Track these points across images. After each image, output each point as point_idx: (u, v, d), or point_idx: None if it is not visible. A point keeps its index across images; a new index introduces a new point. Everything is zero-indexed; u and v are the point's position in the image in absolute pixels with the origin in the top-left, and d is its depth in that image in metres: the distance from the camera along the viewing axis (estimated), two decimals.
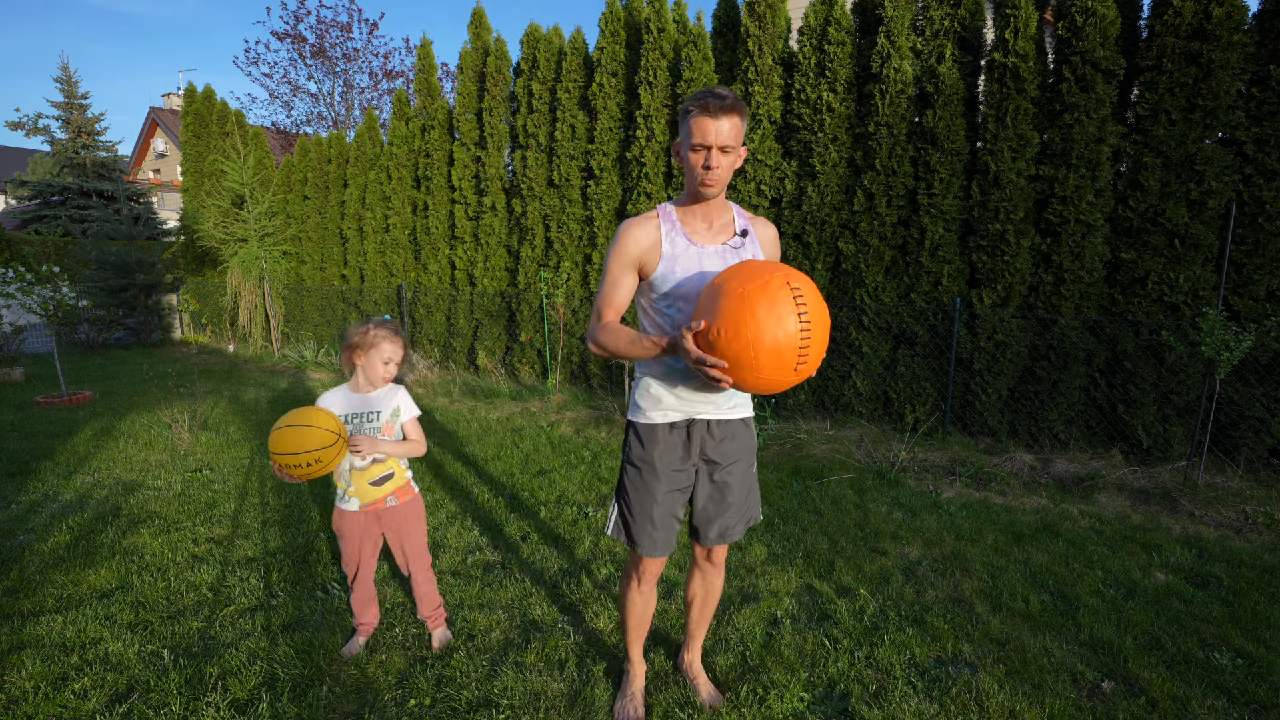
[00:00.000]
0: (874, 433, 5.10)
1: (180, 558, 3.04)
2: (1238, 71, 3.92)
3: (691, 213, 1.75)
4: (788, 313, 1.39)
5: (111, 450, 4.80)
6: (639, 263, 1.73)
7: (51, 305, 7.01)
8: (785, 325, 1.38)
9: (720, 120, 1.55)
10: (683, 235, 1.73)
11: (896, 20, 4.85)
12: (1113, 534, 3.35)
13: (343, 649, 2.30)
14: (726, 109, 1.55)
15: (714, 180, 1.63)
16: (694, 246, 1.73)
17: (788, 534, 3.34)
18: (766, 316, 1.38)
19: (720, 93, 1.57)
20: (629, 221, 1.73)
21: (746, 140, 5.52)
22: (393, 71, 17.93)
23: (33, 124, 24.49)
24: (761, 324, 1.38)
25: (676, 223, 1.74)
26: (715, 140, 1.57)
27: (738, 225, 1.79)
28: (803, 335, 1.40)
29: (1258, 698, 2.05)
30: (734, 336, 1.40)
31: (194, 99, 11.12)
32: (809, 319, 1.41)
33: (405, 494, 2.30)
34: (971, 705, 2.03)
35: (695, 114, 1.57)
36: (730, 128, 1.57)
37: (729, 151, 1.60)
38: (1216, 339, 3.52)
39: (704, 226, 1.76)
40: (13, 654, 2.28)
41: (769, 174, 5.53)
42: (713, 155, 1.59)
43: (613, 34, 6.27)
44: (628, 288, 1.75)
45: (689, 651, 2.16)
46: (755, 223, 1.83)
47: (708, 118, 1.56)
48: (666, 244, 1.71)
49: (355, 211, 8.90)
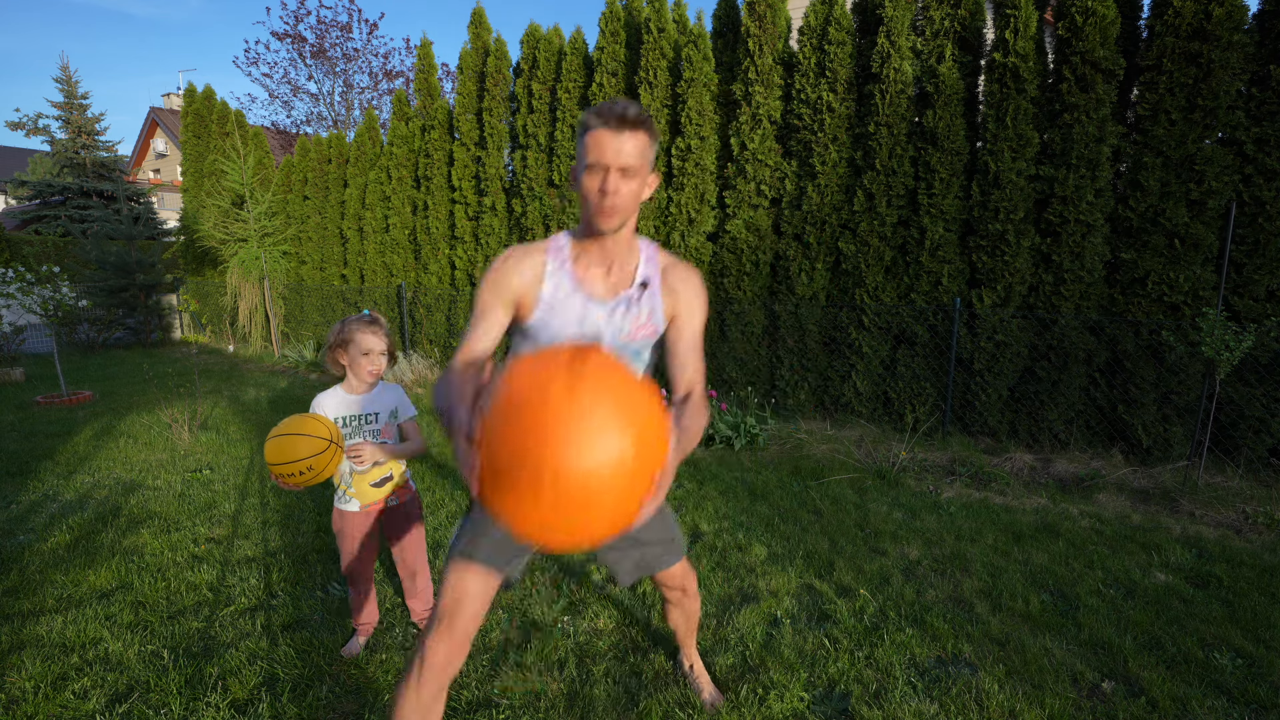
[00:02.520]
0: (874, 433, 5.10)
1: (180, 558, 3.04)
2: (1238, 71, 3.92)
3: (588, 250, 1.44)
4: (567, 422, 0.92)
5: (111, 450, 4.80)
6: (514, 301, 1.42)
7: (51, 305, 7.01)
8: (560, 442, 0.91)
9: (623, 136, 1.28)
10: (570, 278, 1.43)
11: (896, 20, 4.85)
12: (1113, 534, 3.35)
13: (343, 649, 2.30)
14: (630, 124, 1.29)
15: (611, 210, 1.32)
16: (578, 295, 1.42)
17: (788, 534, 3.34)
18: (530, 419, 0.93)
19: (624, 105, 1.30)
20: (512, 249, 1.46)
21: (747, 140, 5.53)
22: (393, 71, 17.92)
23: (33, 124, 24.51)
24: (522, 429, 0.93)
25: (567, 261, 1.44)
26: (614, 160, 1.29)
27: (640, 273, 1.46)
28: (590, 468, 0.92)
29: (1258, 698, 2.05)
30: (488, 438, 0.97)
31: (194, 99, 11.12)
32: (605, 442, 0.93)
33: (405, 494, 2.30)
34: (971, 705, 2.03)
35: (593, 128, 1.30)
36: (635, 147, 1.30)
37: (632, 175, 1.32)
38: (1216, 339, 3.52)
39: (600, 271, 1.45)
40: (13, 654, 2.28)
41: (769, 174, 5.53)
42: (610, 178, 1.30)
43: (613, 34, 6.27)
44: (495, 328, 1.42)
45: (685, 653, 2.14)
46: (672, 271, 1.49)
47: (607, 131, 1.29)
48: (548, 285, 1.42)
49: (355, 211, 8.90)
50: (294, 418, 2.04)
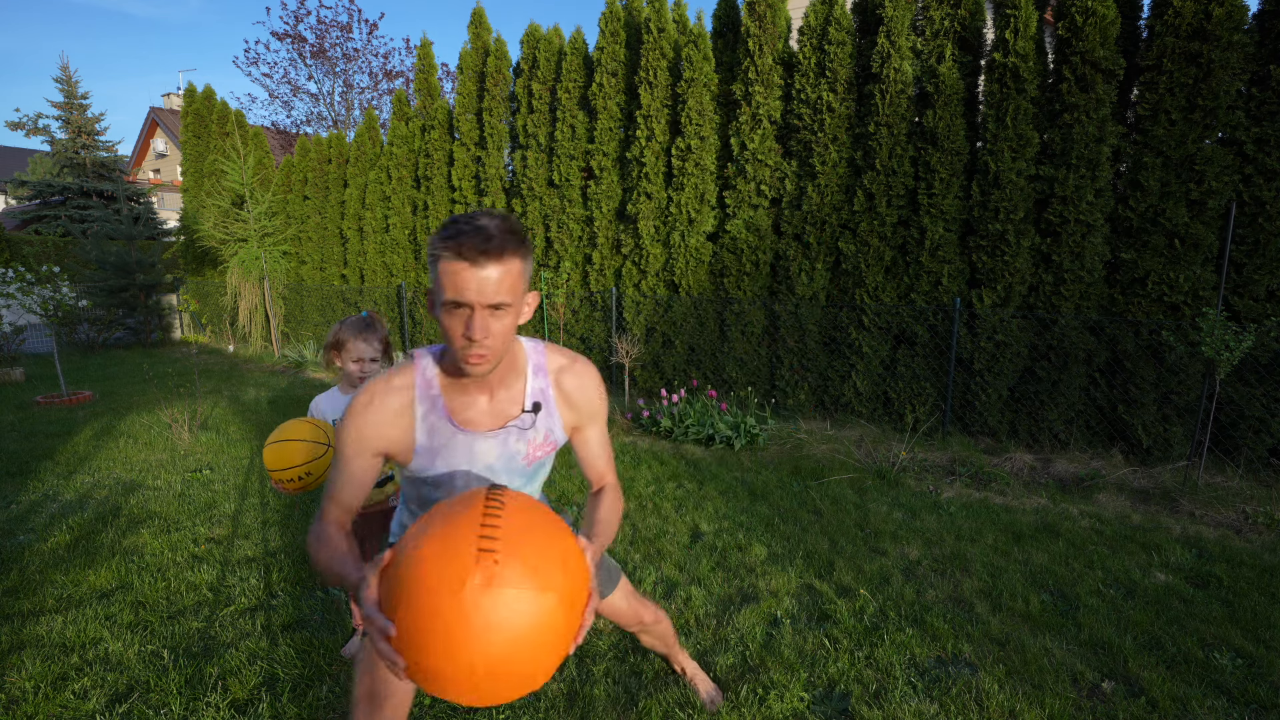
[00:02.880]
0: (874, 433, 5.10)
1: (180, 558, 3.04)
2: (1238, 71, 3.92)
3: (461, 383, 1.24)
4: (485, 622, 0.88)
5: (111, 450, 4.80)
6: (382, 452, 1.24)
7: (51, 305, 7.01)
8: (480, 642, 0.88)
9: (486, 270, 1.05)
10: (445, 419, 1.24)
11: (896, 20, 4.86)
12: (1113, 534, 3.35)
13: (343, 649, 2.30)
14: (496, 250, 1.05)
15: (481, 357, 1.12)
16: (460, 435, 1.25)
17: (788, 534, 3.34)
18: (450, 628, 0.88)
19: (485, 227, 1.06)
20: (371, 390, 1.22)
21: (747, 140, 5.53)
22: (393, 71, 17.93)
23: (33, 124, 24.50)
24: (444, 639, 0.88)
25: (438, 399, 1.24)
26: (478, 298, 1.07)
27: (529, 393, 1.29)
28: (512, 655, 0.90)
29: (1258, 698, 2.05)
30: (408, 643, 0.91)
31: (194, 99, 11.12)
32: (523, 624, 0.90)
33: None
34: (971, 705, 2.03)
35: (449, 258, 1.06)
36: (504, 278, 1.07)
37: (504, 311, 1.10)
38: (1216, 339, 3.52)
39: (483, 399, 1.26)
40: (13, 654, 2.28)
41: (769, 174, 5.53)
42: (476, 321, 1.08)
43: (613, 34, 6.27)
44: (364, 476, 1.23)
45: (675, 662, 2.09)
46: (564, 374, 1.32)
47: (467, 266, 1.05)
48: (421, 432, 1.23)
49: (355, 211, 8.90)
50: (290, 423, 2.04)
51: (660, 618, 1.85)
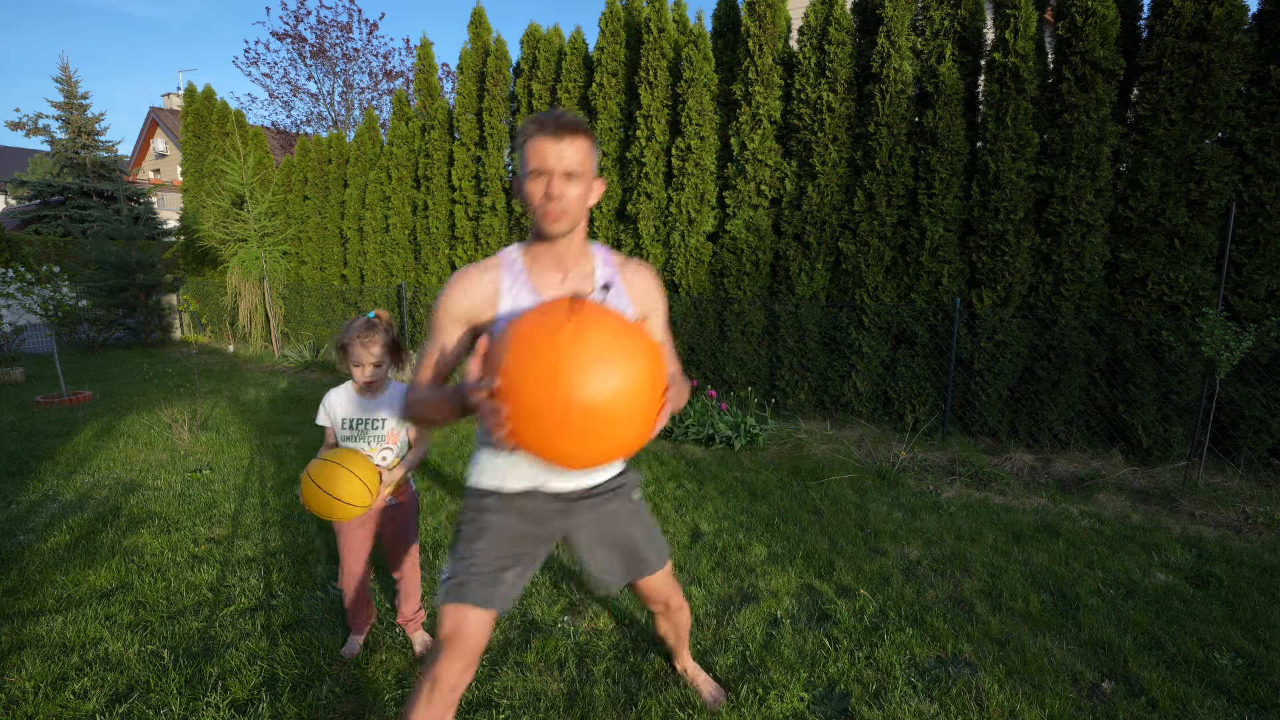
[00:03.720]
0: (874, 433, 5.10)
1: (180, 558, 3.04)
2: (1238, 71, 3.92)
3: (540, 259, 1.45)
4: (578, 362, 1.08)
5: (111, 450, 4.80)
6: (470, 323, 1.44)
7: (51, 305, 7.01)
8: (576, 378, 1.07)
9: (562, 142, 1.33)
10: (527, 289, 1.44)
11: (896, 20, 4.86)
12: (1113, 534, 3.35)
13: (342, 649, 2.30)
14: (569, 129, 1.34)
15: (559, 213, 1.35)
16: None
17: (788, 534, 3.34)
18: (547, 362, 1.08)
19: (561, 113, 1.37)
20: (463, 270, 1.46)
21: (747, 140, 5.53)
22: (393, 71, 17.93)
23: (33, 124, 24.52)
24: (540, 371, 1.08)
25: (521, 272, 1.45)
26: (557, 165, 1.33)
27: (599, 276, 1.49)
28: (604, 398, 1.09)
29: (1258, 698, 2.05)
30: (510, 384, 1.10)
31: (194, 99, 11.12)
32: (612, 373, 1.09)
33: (404, 493, 2.30)
34: (971, 705, 2.03)
35: (532, 136, 1.35)
36: (575, 152, 1.34)
37: (576, 179, 1.35)
38: (1216, 339, 3.52)
39: (556, 277, 1.46)
40: (13, 654, 2.28)
41: (769, 174, 5.53)
42: (555, 182, 1.34)
43: (613, 34, 6.27)
44: (456, 348, 1.45)
45: (679, 661, 2.14)
46: (627, 267, 1.54)
47: (547, 139, 1.33)
48: (506, 300, 1.42)
49: (355, 211, 8.90)
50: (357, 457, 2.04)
51: (684, 606, 1.93)
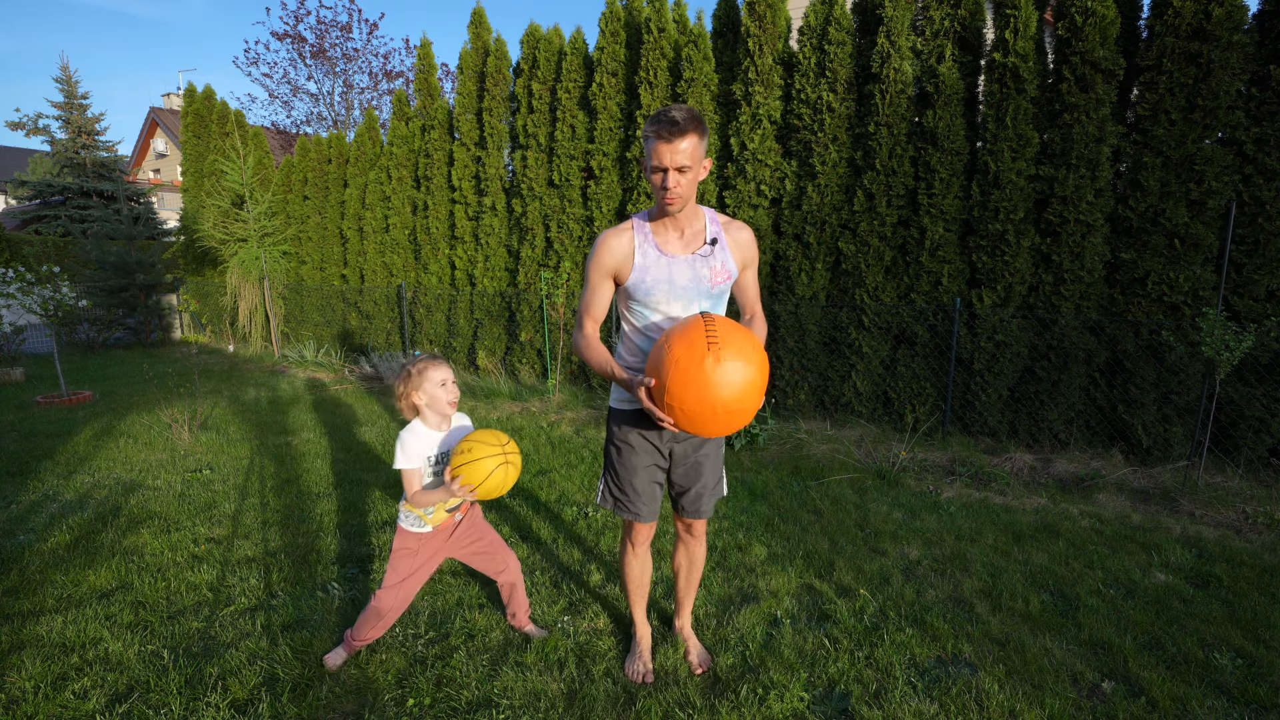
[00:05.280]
0: (874, 433, 5.10)
1: (180, 558, 3.04)
2: (1238, 71, 3.92)
3: (662, 225, 1.89)
4: (720, 381, 1.59)
5: (111, 450, 4.80)
6: (614, 272, 1.89)
7: (51, 305, 7.01)
8: (719, 392, 1.59)
9: (675, 143, 1.69)
10: (654, 247, 1.87)
11: (896, 20, 4.85)
12: (1113, 534, 3.35)
13: (326, 655, 2.24)
14: (680, 132, 1.68)
15: (673, 199, 1.77)
16: (664, 257, 1.87)
17: (788, 534, 3.34)
18: (700, 386, 1.59)
19: (674, 117, 1.69)
20: (606, 233, 1.88)
21: (747, 140, 5.53)
22: (393, 72, 17.92)
23: (33, 124, 24.51)
24: (697, 391, 1.60)
25: (649, 235, 1.88)
26: (671, 163, 1.71)
27: (708, 233, 1.91)
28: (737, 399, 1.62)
29: (1258, 698, 2.05)
30: (674, 397, 1.63)
31: (194, 99, 11.11)
32: (740, 382, 1.61)
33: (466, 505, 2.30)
34: (971, 705, 2.03)
35: (652, 139, 1.71)
36: (686, 148, 1.70)
37: (687, 170, 1.74)
38: (1216, 339, 3.52)
39: (675, 236, 1.89)
40: (13, 654, 2.28)
41: (769, 174, 5.53)
42: (670, 176, 1.73)
43: (613, 34, 6.27)
44: (605, 295, 1.93)
45: (679, 618, 2.36)
46: (730, 226, 1.95)
47: (662, 143, 1.69)
48: (639, 255, 1.86)
49: (355, 211, 8.90)
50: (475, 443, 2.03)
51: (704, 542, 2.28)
